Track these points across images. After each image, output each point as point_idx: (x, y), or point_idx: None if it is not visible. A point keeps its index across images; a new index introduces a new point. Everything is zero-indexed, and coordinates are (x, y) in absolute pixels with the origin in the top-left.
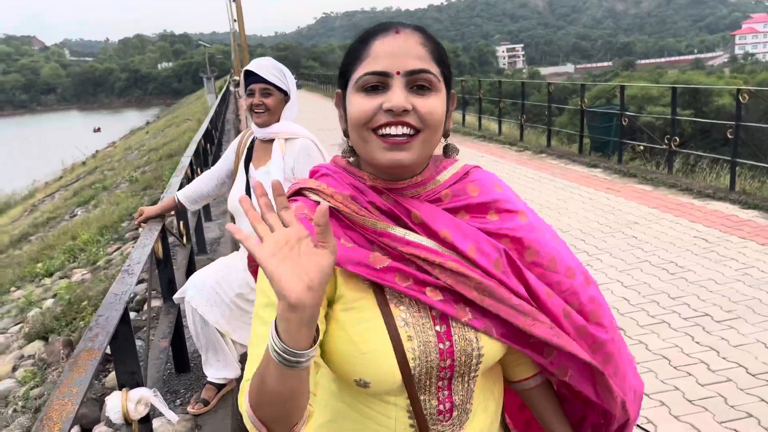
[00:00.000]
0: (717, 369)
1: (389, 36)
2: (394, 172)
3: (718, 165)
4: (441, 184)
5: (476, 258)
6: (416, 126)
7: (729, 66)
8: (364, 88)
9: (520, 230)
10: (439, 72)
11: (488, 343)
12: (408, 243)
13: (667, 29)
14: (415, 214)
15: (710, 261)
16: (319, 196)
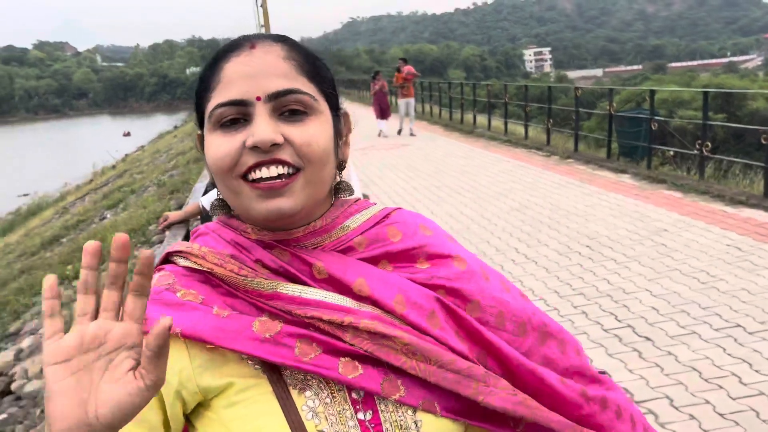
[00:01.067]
0: (749, 382)
1: (242, 54)
2: (277, 225)
3: (752, 171)
4: (352, 230)
5: (405, 312)
6: (293, 163)
7: (763, 69)
8: (221, 124)
9: (458, 279)
10: (316, 90)
11: (433, 425)
12: (305, 303)
13: (699, 32)
14: (319, 266)
15: (743, 270)
16: (189, 259)
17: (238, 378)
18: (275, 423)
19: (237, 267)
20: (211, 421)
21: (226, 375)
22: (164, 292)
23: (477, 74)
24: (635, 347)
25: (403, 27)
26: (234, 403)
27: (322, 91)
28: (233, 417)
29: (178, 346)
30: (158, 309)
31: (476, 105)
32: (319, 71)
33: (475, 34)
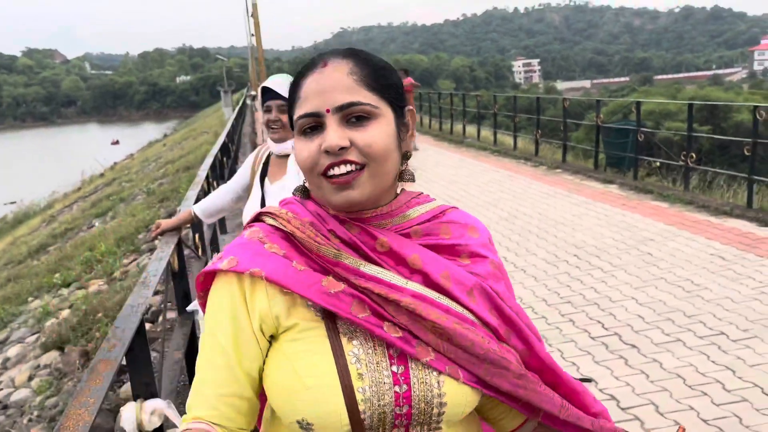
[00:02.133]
0: (733, 389)
1: (317, 72)
2: (350, 211)
3: (736, 182)
4: (411, 219)
5: (450, 286)
6: (359, 161)
7: (748, 82)
8: (303, 132)
9: (490, 278)
10: (377, 98)
11: (453, 389)
12: (362, 275)
13: (684, 44)
14: (382, 240)
15: (727, 279)
16: (276, 220)
17: (303, 320)
18: (325, 361)
19: (313, 233)
20: (277, 352)
21: (293, 316)
22: (255, 242)
23: (467, 85)
24: (622, 354)
25: (393, 38)
26: (296, 339)
27: (383, 98)
28: (294, 350)
29: (261, 288)
30: (249, 256)
31: (466, 115)
32: (380, 80)
33: (465, 45)
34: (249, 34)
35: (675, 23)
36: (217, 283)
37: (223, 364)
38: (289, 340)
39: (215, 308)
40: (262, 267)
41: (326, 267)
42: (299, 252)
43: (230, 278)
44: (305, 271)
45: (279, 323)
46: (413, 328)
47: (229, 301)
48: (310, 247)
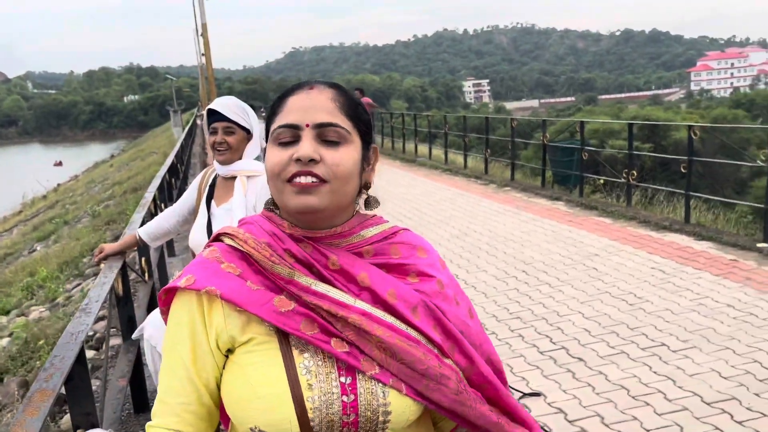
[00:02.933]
0: (673, 398)
1: (303, 92)
2: (306, 218)
3: (675, 197)
4: (364, 239)
5: (395, 302)
6: (323, 177)
7: (685, 101)
8: (279, 141)
9: (435, 297)
10: (351, 126)
11: (397, 400)
12: (313, 293)
13: (626, 66)
14: (333, 259)
15: (667, 292)
16: (234, 240)
17: (257, 335)
18: (277, 372)
19: (269, 253)
20: (232, 364)
21: (248, 332)
22: (213, 261)
23: (419, 104)
24: (569, 368)
25: (346, 58)
26: (251, 351)
27: (356, 128)
28: (248, 362)
29: (217, 305)
30: (206, 275)
31: (417, 135)
32: (356, 113)
33: (416, 66)
34: (199, 54)
35: (616, 45)
36: (178, 300)
37: (184, 376)
38: (245, 353)
39: (175, 323)
40: (218, 286)
41: (279, 285)
42: (254, 271)
43: (190, 295)
44: (259, 290)
45: (234, 339)
46: (360, 344)
47: (188, 317)
48: (265, 266)
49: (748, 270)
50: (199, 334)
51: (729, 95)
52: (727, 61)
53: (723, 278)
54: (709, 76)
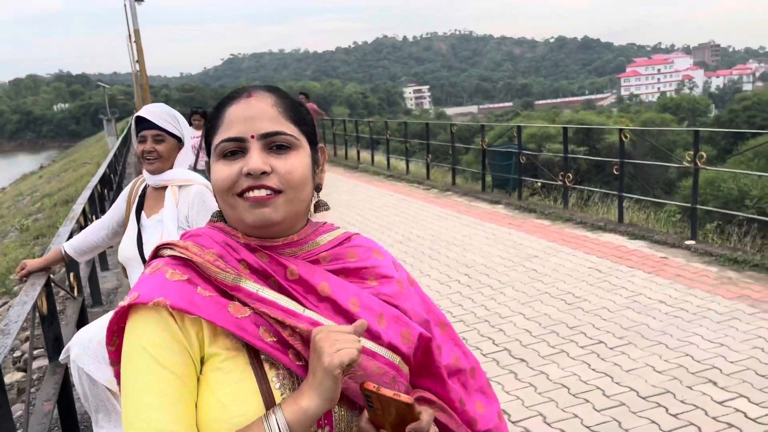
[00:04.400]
0: (611, 394)
1: (242, 101)
2: (263, 232)
3: (609, 199)
4: (320, 246)
5: (358, 312)
6: (277, 188)
7: (617, 106)
8: (224, 155)
9: (397, 298)
10: (297, 131)
11: None
12: (260, 300)
13: (560, 72)
14: (292, 269)
15: (603, 290)
16: (174, 250)
17: (224, 350)
18: (249, 388)
19: (213, 259)
20: (201, 384)
21: (215, 345)
22: (156, 274)
23: (360, 111)
24: (511, 369)
25: (286, 64)
26: (218, 368)
27: (302, 131)
28: (217, 380)
29: (188, 319)
30: (150, 287)
31: (360, 141)
32: (300, 116)
33: (357, 72)
34: (133, 61)
35: (551, 52)
36: (138, 319)
37: (178, 398)
38: (212, 370)
39: (146, 344)
40: (166, 296)
41: (228, 293)
42: (203, 278)
43: (158, 310)
44: (212, 297)
45: (205, 350)
46: (307, 354)
47: (164, 333)
48: (209, 272)
49: (678, 267)
50: (181, 345)
51: (656, 99)
52: (654, 67)
53: (655, 275)
54: (638, 81)
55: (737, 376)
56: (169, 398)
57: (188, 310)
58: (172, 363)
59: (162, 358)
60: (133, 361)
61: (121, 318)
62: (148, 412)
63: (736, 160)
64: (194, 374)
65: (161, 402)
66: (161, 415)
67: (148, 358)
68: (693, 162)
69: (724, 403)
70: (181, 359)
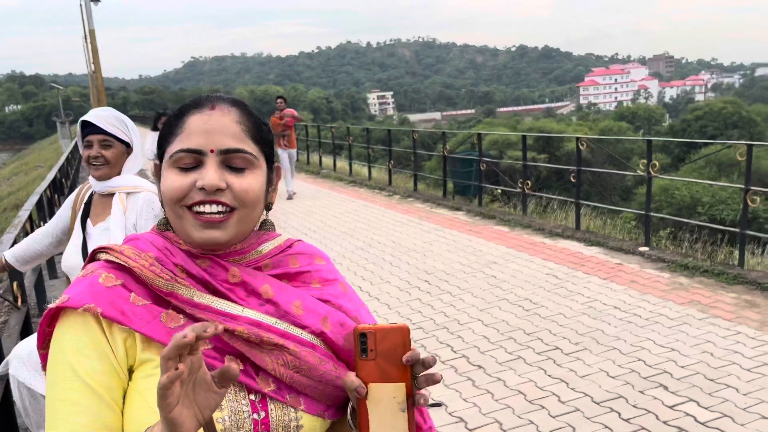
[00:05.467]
0: (567, 400)
1: (204, 112)
2: (208, 250)
3: (567, 205)
4: (263, 254)
5: (302, 315)
6: (231, 204)
7: (575, 114)
8: (179, 165)
9: (342, 298)
10: (257, 150)
11: (307, 418)
12: (195, 305)
13: (521, 80)
14: (234, 271)
15: (560, 296)
16: (110, 254)
17: (156, 355)
18: None
19: (148, 264)
20: (131, 390)
21: (148, 352)
22: (89, 277)
23: (324, 116)
24: (469, 376)
25: (248, 68)
26: (150, 375)
27: (261, 150)
28: (147, 387)
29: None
30: (82, 291)
31: (322, 146)
32: (262, 134)
33: (321, 77)
34: (89, 62)
35: (512, 60)
36: (65, 323)
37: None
38: (144, 377)
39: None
40: (97, 302)
41: (164, 299)
42: (138, 282)
43: (85, 315)
44: (146, 305)
45: (136, 356)
46: (252, 356)
47: (86, 338)
48: (143, 277)
49: (632, 273)
50: (103, 354)
51: (614, 108)
52: (611, 77)
53: (610, 281)
54: (596, 90)
55: (687, 381)
56: (80, 408)
57: (119, 320)
58: (89, 372)
59: (80, 367)
60: (54, 367)
61: (50, 321)
62: (58, 421)
63: (688, 168)
64: (116, 383)
65: (71, 411)
66: (69, 425)
67: (67, 365)
68: (646, 170)
69: (674, 407)
70: (102, 368)
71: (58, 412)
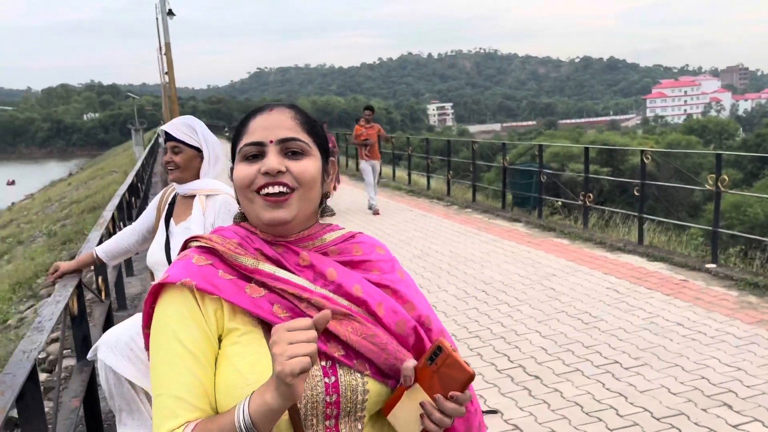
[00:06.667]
0: (625, 414)
1: (264, 114)
2: (276, 230)
3: (630, 219)
4: (327, 242)
5: (361, 296)
6: (291, 185)
7: (641, 127)
8: (245, 157)
9: (399, 284)
10: (311, 141)
11: (373, 383)
12: (277, 279)
13: (585, 92)
14: (304, 255)
15: (620, 311)
16: (200, 241)
17: (242, 325)
18: (263, 359)
19: (233, 247)
20: (220, 356)
21: (234, 322)
22: (184, 260)
23: (384, 127)
24: (525, 386)
25: (311, 79)
26: (236, 342)
27: (315, 142)
28: (234, 353)
29: (207, 297)
30: (179, 270)
31: (381, 156)
32: (315, 129)
33: (381, 88)
34: (162, 72)
35: (576, 72)
36: (167, 297)
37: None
38: (230, 344)
39: (173, 318)
40: (192, 277)
41: (247, 275)
42: (225, 263)
43: (181, 290)
44: (232, 280)
45: (222, 329)
46: None
47: (186, 309)
48: (229, 258)
49: (697, 290)
50: (199, 322)
51: (682, 122)
52: (681, 89)
53: (674, 298)
54: (664, 103)
55: (753, 401)
56: (183, 369)
57: (211, 291)
58: (189, 339)
59: (181, 334)
60: (158, 336)
61: (154, 298)
62: (164, 380)
63: (762, 184)
64: (210, 349)
65: (176, 373)
66: (175, 384)
67: (170, 333)
68: (715, 185)
69: (738, 426)
70: (199, 335)
71: (163, 375)
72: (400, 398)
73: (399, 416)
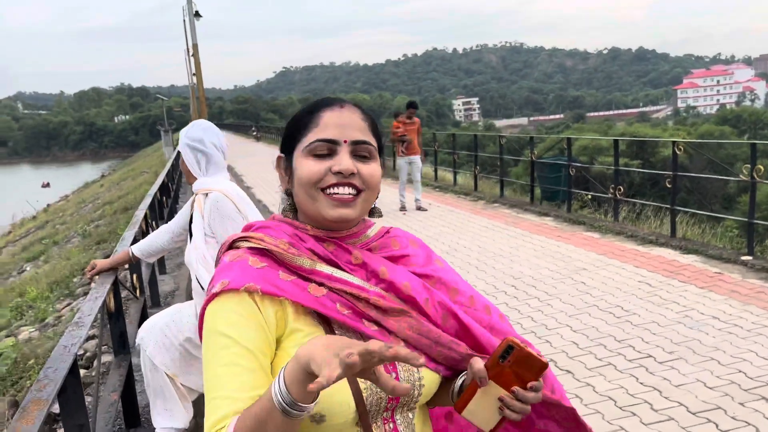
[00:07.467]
0: (660, 408)
1: (336, 109)
2: (337, 226)
3: (662, 212)
4: (370, 237)
5: (411, 293)
6: (359, 187)
7: (672, 118)
8: (315, 153)
9: (441, 272)
10: (376, 143)
11: (427, 373)
12: (335, 279)
13: (613, 84)
14: (356, 254)
15: (653, 305)
16: (250, 241)
17: (306, 326)
18: None
19: (286, 247)
20: (278, 358)
21: (298, 323)
22: (239, 261)
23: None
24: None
25: (336, 77)
26: (300, 344)
27: (378, 145)
28: None
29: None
30: (239, 274)
31: None
32: (377, 131)
33: (407, 85)
34: (190, 74)
35: (604, 64)
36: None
37: (256, 367)
38: (293, 346)
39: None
40: (255, 281)
41: (304, 276)
42: (281, 265)
43: (239, 294)
44: (292, 280)
45: (285, 327)
46: (383, 321)
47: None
48: (286, 259)
49: (733, 282)
50: (258, 324)
51: (715, 112)
52: (713, 79)
53: (708, 291)
54: (696, 93)
55: None
56: (241, 369)
57: (276, 293)
58: (247, 339)
59: (238, 336)
60: (212, 339)
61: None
62: (222, 381)
63: None
64: (268, 350)
65: (234, 373)
66: (235, 384)
67: (225, 337)
68: (750, 175)
69: None
70: (257, 335)
71: (220, 377)
72: (473, 395)
73: (476, 411)
